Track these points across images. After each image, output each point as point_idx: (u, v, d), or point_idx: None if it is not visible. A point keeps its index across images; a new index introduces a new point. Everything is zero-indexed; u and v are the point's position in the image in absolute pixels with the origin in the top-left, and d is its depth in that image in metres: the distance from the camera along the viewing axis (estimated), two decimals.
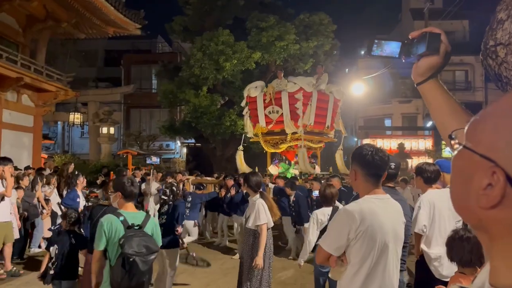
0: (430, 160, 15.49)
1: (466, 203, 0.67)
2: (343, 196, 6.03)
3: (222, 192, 9.53)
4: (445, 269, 3.77)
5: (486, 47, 1.10)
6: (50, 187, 8.48)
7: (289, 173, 11.03)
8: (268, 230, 4.48)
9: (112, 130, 20.87)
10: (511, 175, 0.60)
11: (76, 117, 18.46)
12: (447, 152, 20.80)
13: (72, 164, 10.46)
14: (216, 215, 10.27)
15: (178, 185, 5.98)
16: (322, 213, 4.51)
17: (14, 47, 12.74)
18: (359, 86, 16.71)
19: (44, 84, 12.97)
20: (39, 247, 7.94)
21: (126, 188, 3.29)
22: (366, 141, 24.24)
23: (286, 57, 17.17)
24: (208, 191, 10.30)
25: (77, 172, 9.07)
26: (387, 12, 55.74)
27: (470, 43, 22.77)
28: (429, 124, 23.90)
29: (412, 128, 25.37)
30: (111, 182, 4.67)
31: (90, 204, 5.58)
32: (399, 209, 2.36)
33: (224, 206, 9.31)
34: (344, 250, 2.17)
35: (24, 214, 7.44)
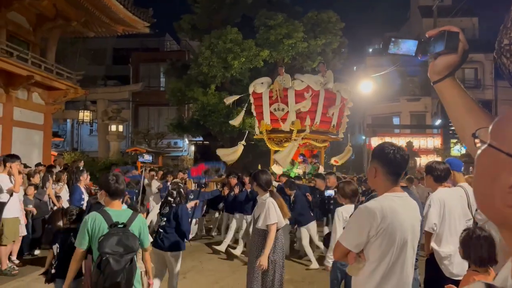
0: (438, 159, 15.40)
1: (491, 202, 0.67)
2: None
3: (225, 191, 9.35)
4: (455, 267, 3.77)
5: (501, 46, 1.10)
6: (60, 184, 8.58)
7: (293, 173, 10.90)
8: (279, 230, 4.34)
9: (120, 128, 21.01)
10: None
11: (85, 115, 18.65)
12: (456, 150, 20.69)
13: (82, 162, 10.55)
14: (216, 213, 10.16)
15: (185, 187, 5.66)
16: (346, 210, 4.40)
17: (25, 45, 12.85)
18: (367, 84, 16.69)
19: (54, 82, 13.07)
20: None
21: (111, 185, 3.19)
22: (374, 140, 24.14)
23: (294, 55, 17.15)
24: (210, 189, 10.15)
25: (82, 168, 9.11)
26: (395, 9, 55.27)
27: (480, 41, 22.55)
28: (438, 122, 23.77)
29: (421, 127, 25.23)
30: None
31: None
32: (416, 207, 2.38)
33: (221, 205, 9.13)
34: (363, 247, 2.18)
35: (33, 211, 7.52)
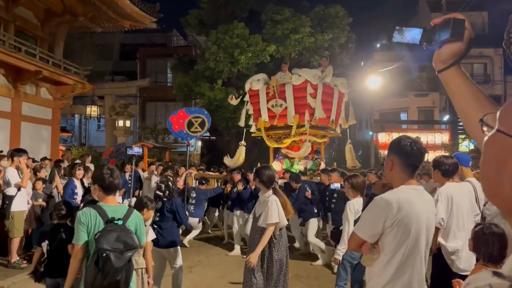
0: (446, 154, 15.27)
1: (499, 188, 0.65)
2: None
3: (228, 188, 8.97)
4: (463, 262, 3.75)
5: (510, 36, 1.08)
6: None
7: (294, 169, 10.77)
8: (282, 229, 4.23)
9: (128, 123, 21.08)
10: None
11: (92, 110, 18.71)
12: (464, 146, 20.51)
13: (90, 157, 10.60)
14: (217, 210, 9.97)
15: (174, 180, 5.47)
16: (357, 203, 4.40)
17: (33, 40, 12.92)
18: (374, 80, 16.55)
19: (62, 78, 13.13)
20: None
21: (105, 179, 2.99)
22: (381, 135, 24.04)
23: (301, 50, 17.07)
24: (211, 186, 9.91)
25: (79, 161, 9.03)
26: (403, 4, 54.79)
27: (489, 35, 22.32)
28: (446, 118, 23.59)
29: (428, 122, 25.07)
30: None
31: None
32: (432, 201, 2.40)
33: (229, 202, 8.78)
34: (378, 238, 2.19)
35: (43, 205, 7.57)
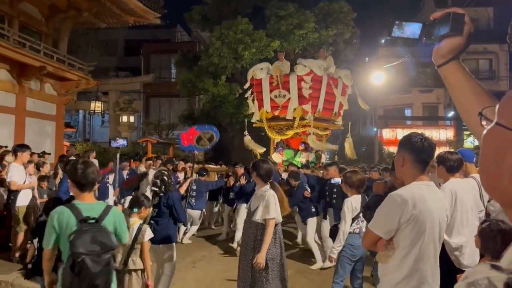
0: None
1: (498, 182, 0.65)
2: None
3: (231, 181, 8.63)
4: (466, 258, 3.73)
5: None
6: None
7: (296, 161, 10.46)
8: (277, 225, 4.05)
9: (132, 119, 21.19)
10: None
11: (97, 106, 18.80)
12: (469, 142, 20.42)
13: (94, 152, 10.62)
14: (214, 205, 9.74)
15: (170, 174, 5.30)
16: (355, 200, 4.32)
17: (37, 36, 12.94)
18: (379, 75, 16.51)
19: (66, 73, 13.16)
20: None
21: (78, 175, 2.73)
22: (385, 131, 23.96)
23: (305, 46, 16.99)
24: (210, 179, 9.63)
25: (73, 158, 8.88)
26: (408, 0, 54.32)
27: (495, 31, 22.12)
28: (451, 114, 23.47)
29: (433, 118, 24.95)
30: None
31: None
32: (443, 198, 2.45)
33: (231, 196, 8.53)
34: (393, 235, 2.20)
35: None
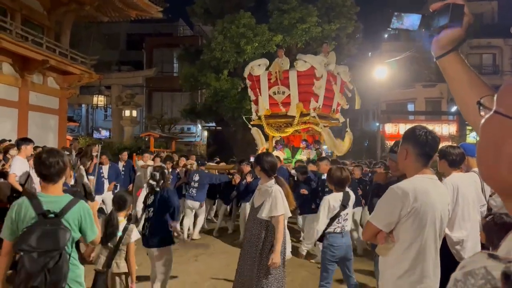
0: None
1: (497, 171, 0.65)
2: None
3: (236, 179, 8.24)
4: (467, 252, 3.73)
5: None
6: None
7: (296, 159, 10.58)
8: (284, 221, 3.94)
9: (134, 113, 21.18)
10: None
11: (99, 100, 18.78)
12: (472, 137, 20.37)
13: (97, 145, 10.63)
14: (213, 202, 9.73)
15: (167, 171, 5.14)
16: (334, 198, 4.14)
17: (40, 30, 12.94)
18: (382, 70, 16.45)
19: (69, 67, 13.17)
20: None
21: (41, 165, 2.55)
22: (388, 126, 23.92)
23: (308, 40, 16.93)
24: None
25: (67, 152, 8.93)
26: None
27: (499, 25, 21.99)
28: (454, 108, 23.40)
29: (436, 113, 24.88)
30: None
31: None
32: (446, 192, 2.43)
33: (233, 195, 8.44)
34: (393, 227, 2.19)
35: None
